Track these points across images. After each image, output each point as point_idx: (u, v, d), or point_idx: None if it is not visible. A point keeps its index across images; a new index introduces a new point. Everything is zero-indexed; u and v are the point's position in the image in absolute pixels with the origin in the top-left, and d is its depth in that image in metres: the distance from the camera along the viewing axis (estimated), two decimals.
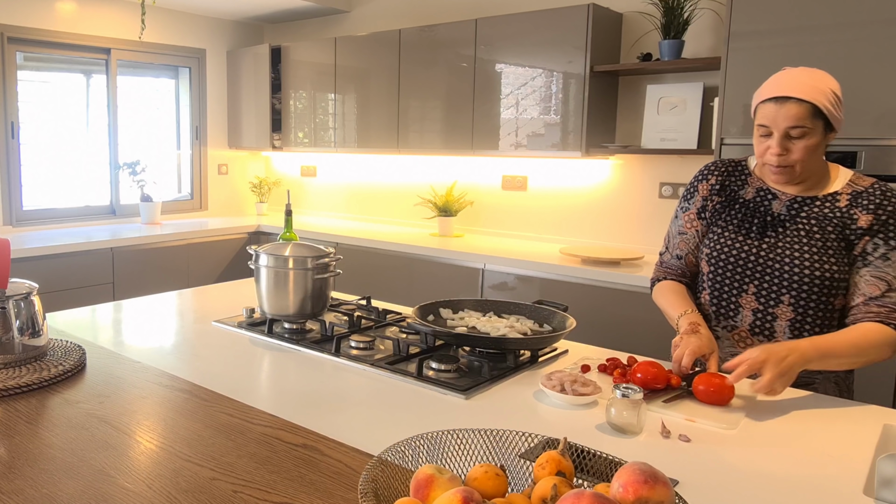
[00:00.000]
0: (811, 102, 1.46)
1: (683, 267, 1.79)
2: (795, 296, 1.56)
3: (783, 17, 2.60)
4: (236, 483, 1.06)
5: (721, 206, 1.69)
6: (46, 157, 4.29)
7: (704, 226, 1.73)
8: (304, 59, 4.63)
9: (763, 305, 1.60)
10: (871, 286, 1.50)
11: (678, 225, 1.78)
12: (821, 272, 1.54)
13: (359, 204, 4.90)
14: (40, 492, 1.02)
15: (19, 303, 1.51)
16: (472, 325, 1.80)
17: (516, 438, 1.05)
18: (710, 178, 1.72)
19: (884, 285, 1.49)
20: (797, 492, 1.08)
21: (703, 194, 1.73)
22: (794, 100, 1.47)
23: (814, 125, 1.48)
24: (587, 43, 3.32)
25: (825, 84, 1.48)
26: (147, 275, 4.06)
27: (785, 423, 1.35)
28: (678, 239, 1.78)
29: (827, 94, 1.47)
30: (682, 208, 1.78)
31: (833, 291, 1.54)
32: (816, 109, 1.47)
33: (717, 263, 1.66)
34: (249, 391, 1.46)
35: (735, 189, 1.69)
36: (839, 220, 1.54)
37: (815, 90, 1.47)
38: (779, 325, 1.59)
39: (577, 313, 3.15)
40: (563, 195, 3.85)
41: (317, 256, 1.90)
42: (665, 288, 1.77)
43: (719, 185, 1.71)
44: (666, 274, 1.82)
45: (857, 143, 2.49)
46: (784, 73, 1.52)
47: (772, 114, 1.50)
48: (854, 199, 1.55)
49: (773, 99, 1.49)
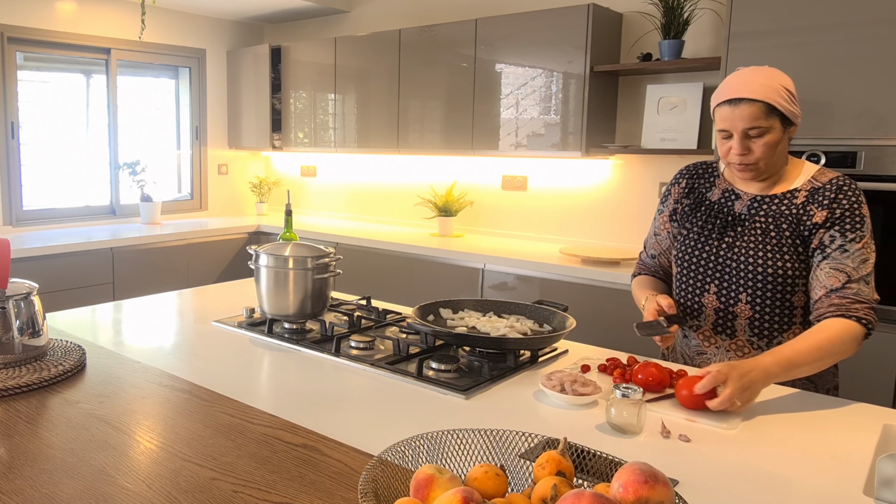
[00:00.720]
0: (764, 101, 1.49)
1: (657, 266, 1.87)
2: (752, 294, 1.59)
3: (783, 17, 2.60)
4: (236, 483, 1.06)
5: (689, 209, 1.74)
6: (46, 157, 4.29)
7: (676, 228, 1.78)
8: (304, 59, 4.63)
9: (723, 304, 1.64)
10: (831, 278, 1.51)
11: (654, 227, 1.86)
12: (774, 269, 1.56)
13: (359, 204, 4.90)
14: (40, 492, 1.02)
15: (19, 303, 1.51)
16: (472, 325, 1.80)
17: (516, 438, 1.05)
18: (680, 181, 1.79)
19: (843, 276, 1.50)
20: (797, 492, 1.08)
21: (674, 197, 1.79)
22: (746, 100, 1.50)
23: (770, 123, 1.51)
24: (587, 43, 3.32)
25: (776, 81, 1.50)
26: (147, 275, 4.06)
27: (785, 423, 1.35)
28: (653, 240, 1.86)
29: (779, 91, 1.49)
30: (658, 211, 1.85)
31: (790, 289, 1.57)
32: (770, 107, 1.49)
33: (683, 265, 1.72)
34: (249, 391, 1.46)
35: (703, 191, 1.73)
36: (794, 216, 1.57)
37: (766, 88, 1.49)
38: (739, 323, 1.62)
39: (577, 313, 3.15)
40: (563, 195, 3.85)
41: (317, 256, 1.90)
42: (639, 281, 1.87)
43: (688, 189, 1.76)
44: (641, 270, 1.91)
45: (858, 143, 2.49)
46: (736, 75, 1.55)
47: (728, 116, 1.53)
48: (811, 195, 1.57)
49: (728, 102, 1.53)
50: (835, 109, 2.52)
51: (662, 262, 1.85)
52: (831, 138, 2.54)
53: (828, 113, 2.54)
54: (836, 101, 2.52)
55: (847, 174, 2.50)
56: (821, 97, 2.54)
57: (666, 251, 1.82)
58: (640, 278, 1.88)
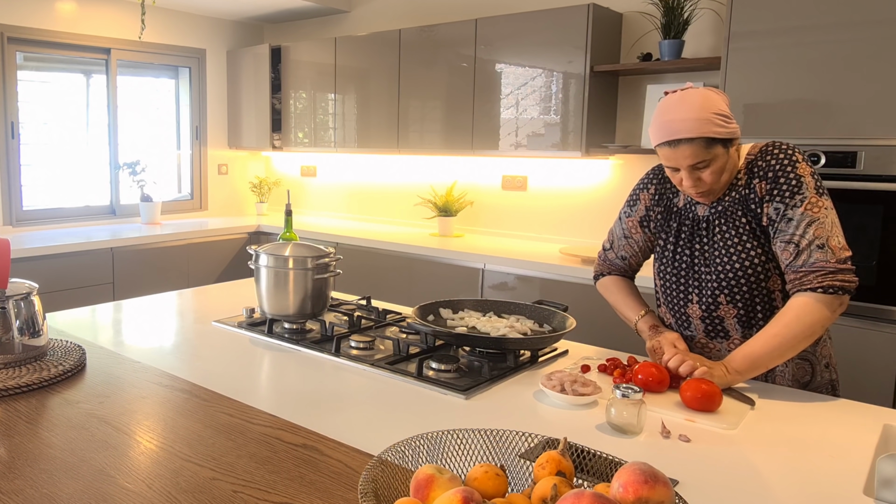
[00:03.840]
0: (701, 137, 1.45)
1: (626, 267, 1.86)
2: (728, 293, 1.58)
3: (783, 17, 2.60)
4: (236, 483, 1.06)
5: (662, 218, 1.72)
6: (46, 157, 4.29)
7: (648, 236, 1.77)
8: (304, 59, 4.63)
9: (706, 311, 1.63)
10: (784, 252, 1.50)
11: (623, 227, 1.82)
12: (741, 262, 1.55)
13: (359, 204, 4.90)
14: (40, 492, 1.02)
15: (19, 303, 1.51)
16: (472, 325, 1.80)
17: (516, 438, 1.05)
18: (649, 187, 1.75)
19: (792, 247, 1.48)
20: (797, 492, 1.08)
21: (645, 203, 1.76)
22: (685, 140, 1.47)
23: (712, 153, 1.48)
24: (587, 43, 3.32)
25: (706, 111, 1.45)
26: (147, 275, 4.06)
27: (784, 422, 1.35)
28: (623, 242, 1.82)
29: (712, 121, 1.45)
30: (625, 212, 1.81)
31: (763, 276, 1.55)
32: (708, 140, 1.46)
33: (665, 277, 1.71)
34: (249, 391, 1.46)
35: (670, 197, 1.71)
36: (742, 199, 1.56)
37: (698, 123, 1.45)
38: (728, 324, 1.61)
39: (577, 313, 3.15)
40: (563, 195, 3.85)
41: (317, 256, 1.90)
42: (613, 285, 1.85)
43: (658, 195, 1.73)
44: (610, 270, 1.89)
45: (858, 143, 2.49)
46: (666, 110, 1.49)
47: (670, 156, 1.51)
48: (749, 170, 1.56)
49: (666, 143, 1.50)
50: (834, 109, 2.52)
51: (633, 263, 1.84)
52: (831, 138, 2.54)
53: (828, 113, 2.54)
54: (836, 101, 2.52)
55: (847, 174, 2.51)
56: (821, 97, 2.54)
57: (637, 254, 1.81)
58: (613, 281, 1.86)
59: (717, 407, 1.38)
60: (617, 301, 1.83)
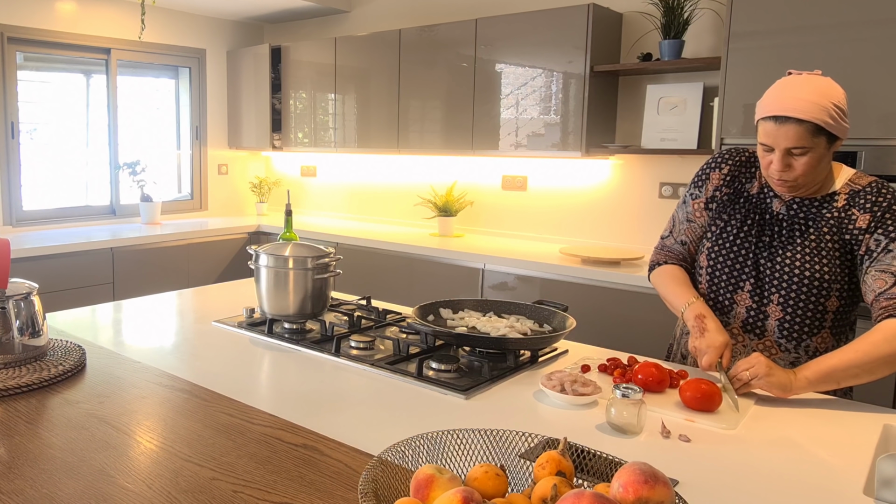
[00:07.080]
0: (811, 121, 1.42)
1: (685, 253, 1.79)
2: (785, 295, 1.57)
3: (783, 17, 2.60)
4: (236, 483, 1.06)
5: (728, 199, 1.68)
6: (46, 157, 4.29)
7: (710, 217, 1.71)
8: (304, 59, 4.63)
9: (756, 304, 1.61)
10: (879, 281, 1.48)
11: (686, 210, 1.76)
12: (811, 273, 1.54)
13: (359, 204, 4.90)
14: (40, 492, 1.02)
15: (19, 303, 1.51)
16: (472, 325, 1.80)
17: (516, 438, 1.05)
18: (723, 166, 1.70)
19: (890, 278, 1.46)
20: (797, 492, 1.08)
21: (714, 183, 1.70)
22: (793, 120, 1.43)
23: (815, 143, 1.44)
24: (587, 43, 3.32)
25: (826, 98, 1.42)
26: (147, 275, 4.06)
27: (785, 423, 1.35)
28: (685, 225, 1.77)
29: (828, 109, 1.42)
30: (691, 194, 1.75)
31: (825, 293, 1.54)
32: (817, 127, 1.43)
33: (717, 259, 1.66)
34: (249, 391, 1.46)
35: (743, 182, 1.67)
36: (836, 220, 1.54)
37: (815, 107, 1.42)
38: (769, 324, 1.60)
39: (577, 313, 3.15)
40: (563, 195, 3.85)
41: (317, 256, 1.90)
42: (666, 273, 1.76)
43: (730, 176, 1.69)
44: (667, 258, 1.81)
45: (858, 143, 2.49)
46: (785, 86, 1.47)
47: (772, 132, 1.46)
48: (852, 198, 1.54)
49: (773, 118, 1.46)
50: None
51: (692, 249, 1.77)
52: None
53: None
54: None
55: None
56: None
57: (696, 240, 1.75)
58: (667, 269, 1.76)
59: (716, 407, 1.38)
60: (666, 290, 1.72)
